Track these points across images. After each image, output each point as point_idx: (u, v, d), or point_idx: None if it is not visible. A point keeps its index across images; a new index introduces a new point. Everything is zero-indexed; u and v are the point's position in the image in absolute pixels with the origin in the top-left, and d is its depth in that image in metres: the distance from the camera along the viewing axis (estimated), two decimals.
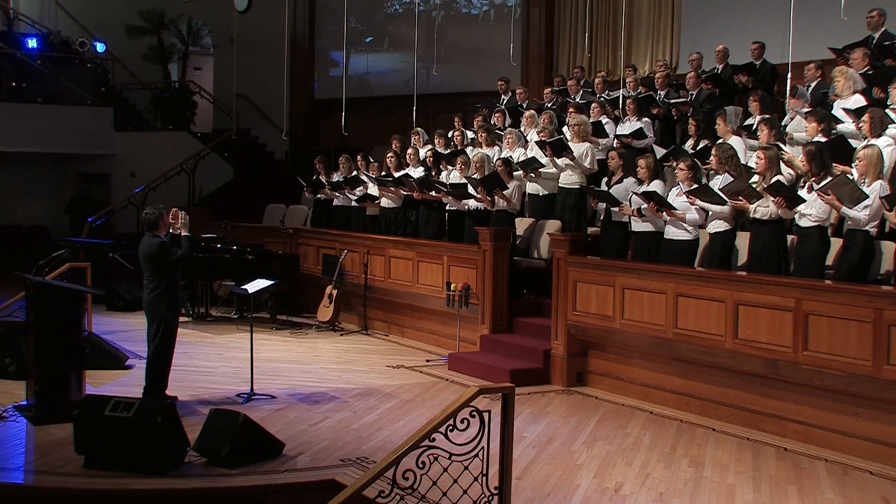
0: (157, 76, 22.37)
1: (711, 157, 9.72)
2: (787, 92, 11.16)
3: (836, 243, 8.81)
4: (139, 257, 8.92)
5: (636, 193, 9.95)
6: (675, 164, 10.50)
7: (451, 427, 5.76)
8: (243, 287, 9.78)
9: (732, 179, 9.21)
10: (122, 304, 14.72)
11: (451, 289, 11.45)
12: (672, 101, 12.92)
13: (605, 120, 12.89)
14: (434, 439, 5.72)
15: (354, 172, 14.87)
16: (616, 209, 10.35)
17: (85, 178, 20.87)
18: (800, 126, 10.40)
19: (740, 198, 8.89)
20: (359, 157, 15.11)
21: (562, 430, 8.52)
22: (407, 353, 12.07)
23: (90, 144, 20.16)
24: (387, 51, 20.74)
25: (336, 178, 15.23)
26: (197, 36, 21.80)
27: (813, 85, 11.33)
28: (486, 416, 5.87)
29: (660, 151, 11.35)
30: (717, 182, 9.45)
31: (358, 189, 14.53)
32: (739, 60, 13.63)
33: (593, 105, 13.15)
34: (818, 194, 8.29)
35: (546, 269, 11.71)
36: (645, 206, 9.79)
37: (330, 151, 19.60)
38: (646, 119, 12.61)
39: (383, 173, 14.10)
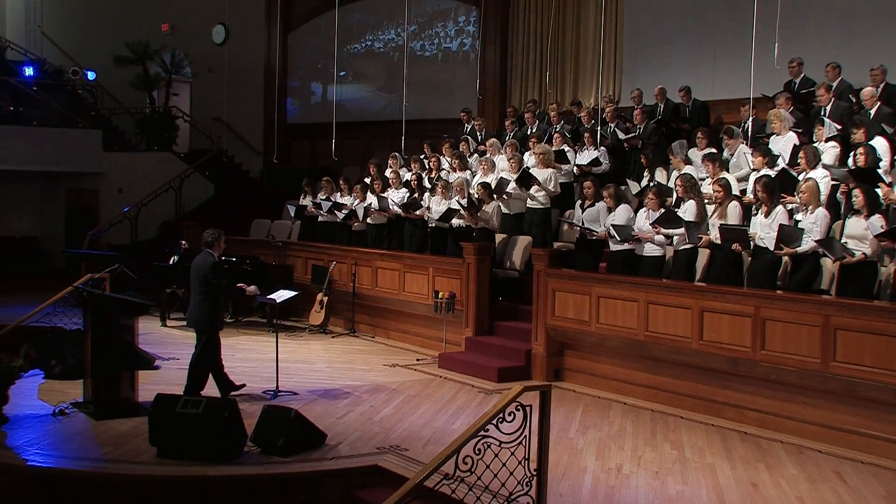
0: (140, 101, 22.33)
1: (677, 187, 10.29)
2: (724, 132, 11.73)
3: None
4: (192, 269, 9.20)
5: (613, 225, 10.48)
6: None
7: (500, 419, 6.18)
8: (270, 297, 10.02)
9: (696, 207, 9.82)
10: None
11: (439, 296, 11.85)
12: (623, 137, 13.44)
13: (566, 148, 13.44)
14: (488, 430, 6.14)
15: (338, 194, 15.15)
16: (594, 236, 10.90)
17: (76, 194, 20.81)
18: (741, 161, 11.08)
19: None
20: (341, 181, 15.41)
21: (555, 420, 8.89)
22: (396, 354, 12.41)
23: (81, 163, 20.11)
24: (351, 83, 21.00)
25: (321, 197, 15.50)
26: (179, 66, 21.83)
27: (749, 123, 11.98)
28: (528, 409, 6.29)
29: (634, 187, 11.75)
30: (686, 207, 10.04)
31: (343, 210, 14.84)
32: (675, 94, 14.35)
33: (555, 136, 13.67)
34: (776, 253, 8.94)
35: (520, 279, 12.22)
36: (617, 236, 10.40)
37: (303, 171, 19.90)
38: (602, 147, 13.19)
39: (368, 202, 14.35)
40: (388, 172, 14.81)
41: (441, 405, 9.55)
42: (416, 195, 13.64)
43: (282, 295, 9.95)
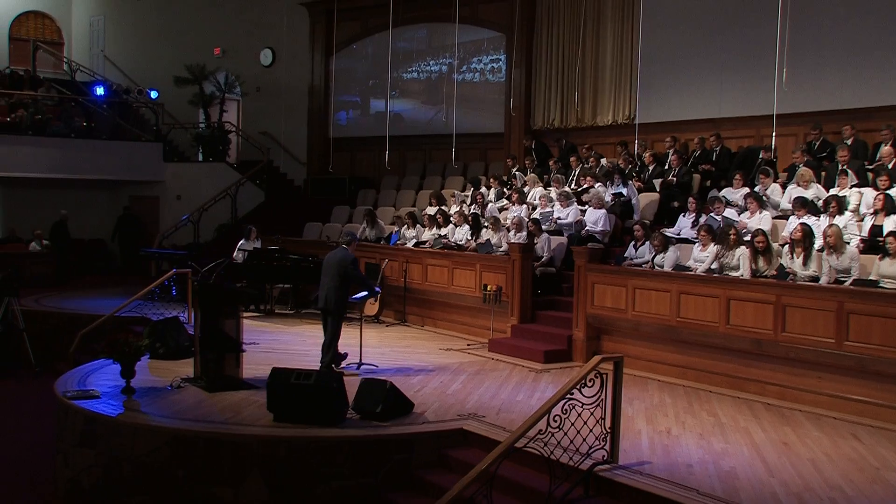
0: (191, 117, 22.96)
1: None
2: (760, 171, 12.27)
3: None
4: (330, 261, 10.12)
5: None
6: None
7: (583, 384, 6.81)
8: (355, 297, 10.62)
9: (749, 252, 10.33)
10: None
11: (487, 289, 12.46)
12: (662, 189, 13.90)
13: (597, 185, 14.07)
14: (573, 393, 6.76)
15: (397, 229, 15.75)
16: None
17: (139, 200, 21.48)
18: (775, 196, 11.71)
19: None
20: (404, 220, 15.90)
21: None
22: (447, 340, 13.01)
23: (144, 173, 20.92)
24: (396, 98, 21.49)
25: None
26: (232, 86, 22.46)
27: (773, 144, 12.59)
28: (605, 376, 6.92)
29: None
30: (739, 253, 10.36)
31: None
32: (686, 114, 14.99)
33: (587, 178, 14.35)
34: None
35: (556, 274, 12.84)
36: None
37: (344, 180, 20.56)
38: (630, 183, 13.82)
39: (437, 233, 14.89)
40: (452, 211, 15.38)
41: (501, 381, 10.17)
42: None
43: (359, 295, 10.63)
